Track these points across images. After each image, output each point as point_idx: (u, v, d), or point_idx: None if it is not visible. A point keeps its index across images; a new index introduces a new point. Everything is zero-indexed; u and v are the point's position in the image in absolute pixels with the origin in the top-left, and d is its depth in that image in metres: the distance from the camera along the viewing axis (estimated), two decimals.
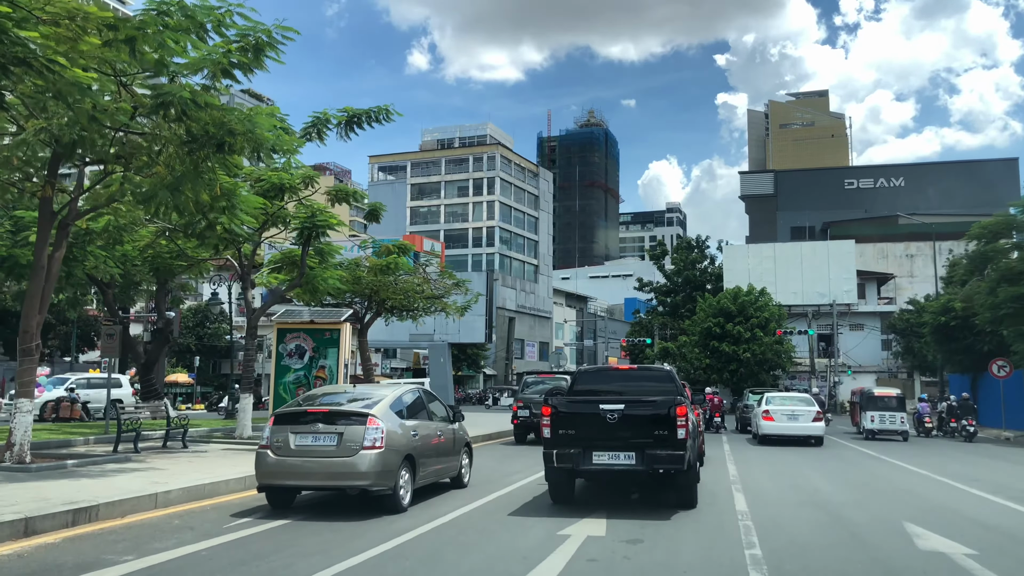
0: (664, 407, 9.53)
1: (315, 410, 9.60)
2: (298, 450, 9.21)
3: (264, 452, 9.35)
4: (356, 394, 10.54)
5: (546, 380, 23.83)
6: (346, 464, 9.05)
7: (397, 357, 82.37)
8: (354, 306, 25.69)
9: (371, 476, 9.05)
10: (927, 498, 11.73)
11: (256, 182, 16.61)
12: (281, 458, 9.22)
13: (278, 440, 9.31)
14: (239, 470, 12.10)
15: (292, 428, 9.34)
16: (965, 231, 60.31)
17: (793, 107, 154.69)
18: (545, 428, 9.84)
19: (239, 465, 12.94)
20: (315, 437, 9.25)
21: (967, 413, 29.63)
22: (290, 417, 9.56)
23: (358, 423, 9.24)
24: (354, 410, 9.52)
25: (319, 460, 9.15)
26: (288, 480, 9.30)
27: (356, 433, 9.14)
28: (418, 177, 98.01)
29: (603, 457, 9.57)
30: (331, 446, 9.17)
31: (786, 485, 12.88)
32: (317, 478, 9.24)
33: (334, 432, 9.22)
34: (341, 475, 9.10)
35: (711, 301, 54.73)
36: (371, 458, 9.04)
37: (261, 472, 9.36)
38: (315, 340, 16.23)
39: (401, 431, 9.74)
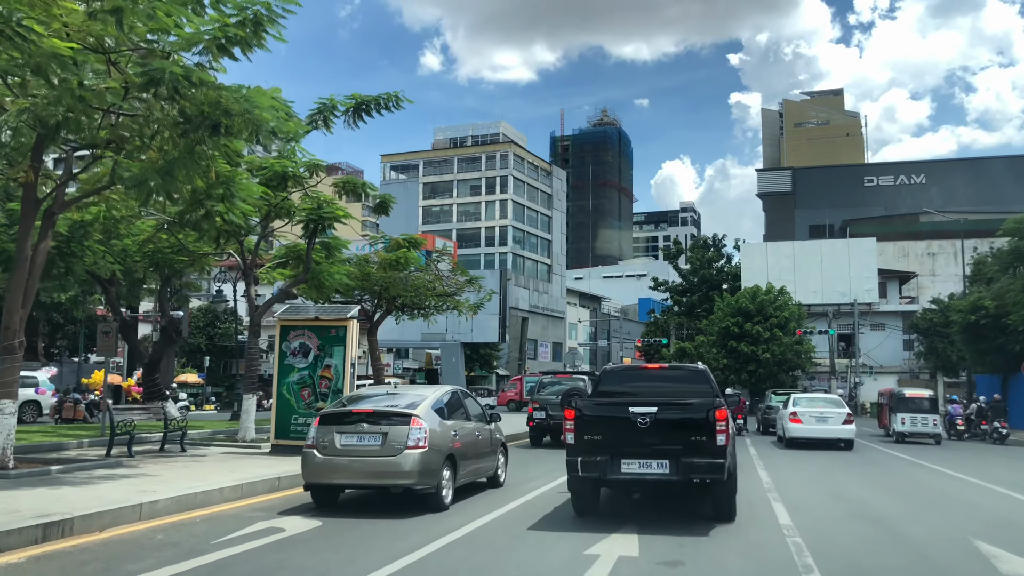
0: (702, 410, 8.57)
1: (360, 410, 9.81)
2: (343, 449, 9.45)
3: (310, 451, 9.59)
4: (398, 394, 10.68)
5: (562, 381, 22.90)
6: (390, 463, 9.26)
7: (409, 357, 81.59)
8: (363, 304, 24.83)
9: (415, 475, 9.23)
10: (986, 509, 10.71)
11: (257, 170, 15.74)
12: (327, 457, 9.47)
13: (324, 440, 9.54)
14: (236, 476, 11.22)
15: (337, 428, 9.57)
16: (990, 229, 59.20)
17: (808, 106, 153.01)
18: (568, 433, 8.90)
19: (237, 471, 12.07)
20: (360, 437, 9.48)
21: (999, 415, 28.58)
22: (335, 417, 9.79)
23: (402, 423, 9.44)
24: (398, 410, 9.68)
25: (364, 459, 9.40)
26: (334, 479, 9.56)
27: (400, 433, 9.35)
28: (430, 176, 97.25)
29: (633, 465, 8.62)
30: (376, 446, 9.39)
31: (826, 494, 11.88)
32: (362, 477, 9.48)
33: (378, 432, 9.43)
34: (386, 474, 9.32)
35: (729, 300, 53.66)
36: (415, 458, 9.23)
37: (308, 471, 9.62)
38: (320, 338, 15.31)
39: (443, 431, 9.92)
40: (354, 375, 15.34)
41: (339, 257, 20.93)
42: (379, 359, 24.89)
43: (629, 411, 8.65)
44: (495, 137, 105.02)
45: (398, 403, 10.04)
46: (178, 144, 11.63)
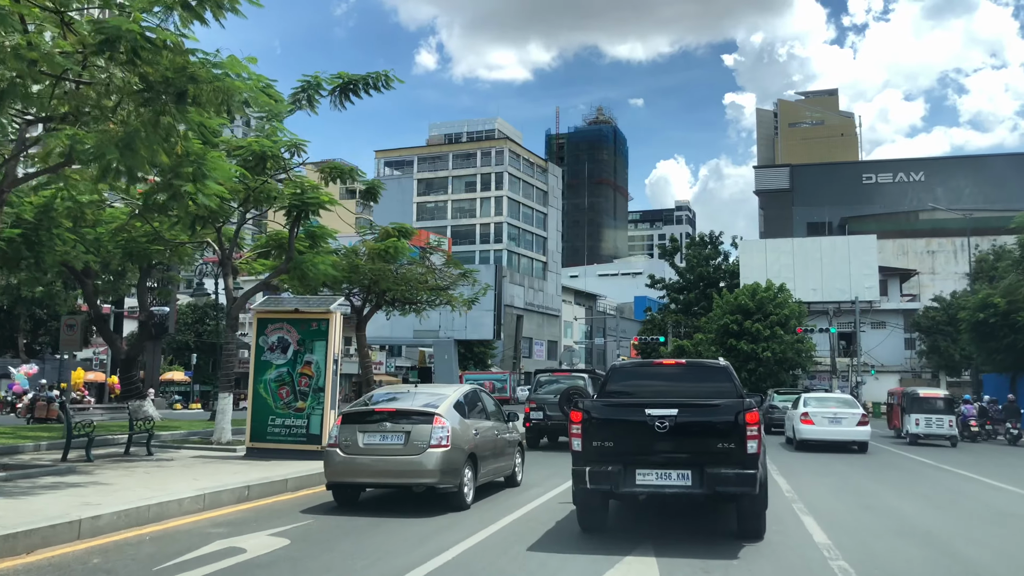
0: (730, 412, 7.42)
1: (382, 409, 9.81)
2: (366, 448, 9.46)
3: (333, 450, 9.62)
4: (419, 393, 10.62)
5: (561, 379, 21.73)
6: (414, 462, 9.25)
7: (402, 355, 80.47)
8: (352, 297, 23.64)
9: (438, 474, 9.21)
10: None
11: (234, 151, 14.52)
12: (350, 456, 9.49)
13: (346, 439, 9.56)
14: (200, 485, 10.04)
15: (360, 427, 9.58)
16: (991, 227, 58.25)
17: (803, 106, 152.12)
18: (575, 439, 7.73)
19: (203, 478, 10.88)
20: (383, 436, 9.48)
21: (1011, 416, 27.72)
22: (357, 416, 9.80)
23: (425, 422, 9.43)
24: (421, 409, 9.66)
25: (387, 458, 9.39)
26: (357, 477, 9.60)
27: (423, 432, 9.34)
28: (425, 172, 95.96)
29: (650, 476, 7.46)
30: (399, 444, 9.39)
31: (856, 504, 10.73)
32: (385, 476, 9.49)
33: (401, 431, 9.43)
34: (409, 473, 9.32)
35: (728, 298, 52.53)
36: (438, 456, 9.22)
37: (330, 470, 9.64)
38: (300, 332, 14.12)
39: (464, 430, 9.90)
40: (337, 372, 14.14)
41: (326, 248, 19.76)
42: (368, 356, 23.69)
43: (646, 414, 7.50)
44: (490, 133, 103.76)
45: (420, 402, 10.00)
46: (141, 115, 10.46)
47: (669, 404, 7.56)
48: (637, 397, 8.24)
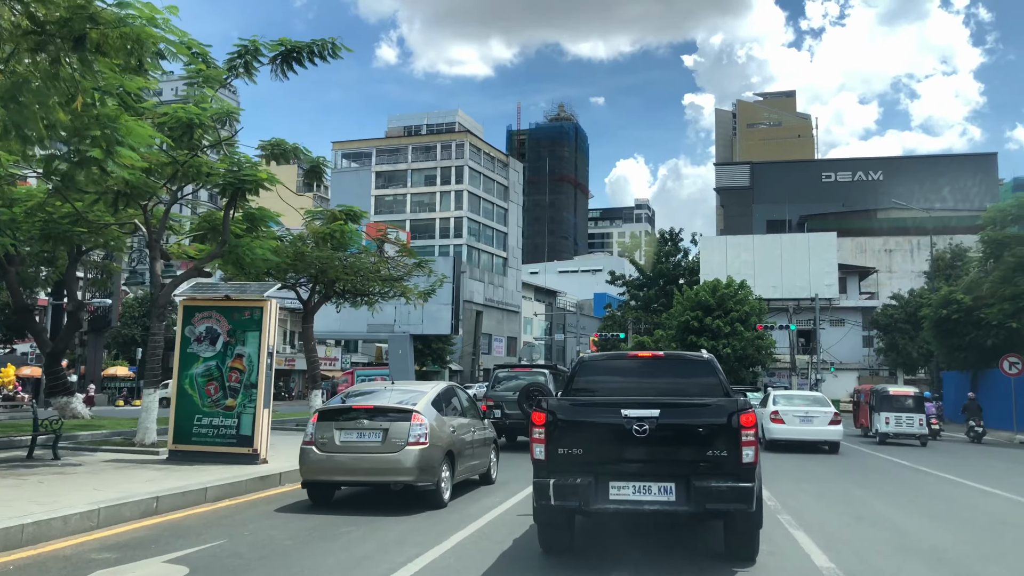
0: (722, 414, 6.25)
1: (360, 406, 9.66)
2: (343, 446, 9.33)
3: (308, 448, 9.46)
4: (396, 390, 10.42)
5: (520, 375, 20.49)
6: (391, 460, 9.14)
7: (359, 351, 78.66)
8: (298, 288, 22.14)
9: (416, 472, 9.11)
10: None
11: (157, 119, 12.97)
12: (326, 454, 9.34)
13: (323, 437, 9.41)
14: (99, 496, 8.59)
15: (337, 424, 9.43)
16: (947, 226, 58.55)
17: (761, 107, 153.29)
18: (536, 445, 6.49)
19: (107, 487, 9.42)
20: (360, 433, 9.36)
21: (973, 414, 27.35)
22: (334, 413, 9.64)
23: (403, 419, 9.33)
24: (399, 406, 9.53)
25: (364, 456, 9.28)
26: (334, 476, 9.46)
27: (401, 429, 9.24)
28: (383, 165, 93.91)
29: (626, 490, 6.26)
30: (376, 442, 9.27)
31: (847, 515, 9.66)
32: (362, 474, 9.36)
33: (379, 428, 9.31)
34: (386, 471, 9.19)
35: (689, 294, 51.93)
36: (416, 454, 9.13)
37: (306, 468, 9.49)
38: (231, 322, 12.66)
39: (442, 427, 9.78)
40: (271, 366, 12.71)
41: (269, 233, 18.29)
42: (314, 350, 22.19)
43: (621, 415, 6.28)
44: (451, 126, 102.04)
45: (397, 399, 9.81)
46: (36, 63, 8.97)
47: (649, 404, 6.35)
48: (610, 395, 7.03)
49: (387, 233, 34.98)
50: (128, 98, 11.94)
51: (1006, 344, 31.03)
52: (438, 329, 35.85)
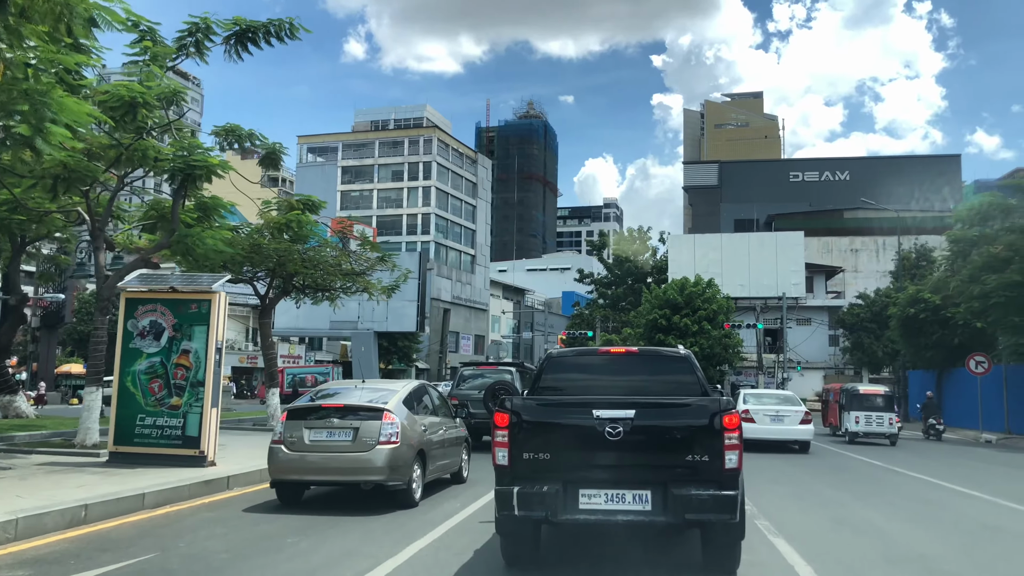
0: (703, 414, 5.70)
1: (330, 405, 9.55)
2: (313, 445, 9.21)
3: (277, 447, 9.31)
4: (367, 388, 10.23)
5: (486, 373, 19.89)
6: (362, 459, 9.04)
7: (323, 349, 77.48)
8: (256, 282, 21.29)
9: (387, 471, 9.01)
10: (1011, 532, 8.26)
11: (97, 97, 12.13)
12: (295, 453, 9.20)
13: (292, 436, 9.27)
14: (21, 505, 7.81)
15: (306, 423, 9.30)
16: (910, 226, 59.04)
17: (729, 108, 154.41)
18: (498, 449, 5.89)
19: (33, 493, 8.63)
20: (330, 432, 9.24)
21: (932, 412, 27.67)
22: (304, 412, 9.48)
23: (373, 418, 9.23)
24: (369, 405, 9.43)
25: (334, 455, 9.18)
26: (303, 475, 9.32)
27: (372, 428, 9.14)
28: (350, 159, 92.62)
29: (597, 499, 5.69)
30: (347, 441, 9.17)
31: (827, 520, 9.19)
32: (332, 473, 9.26)
33: (349, 427, 9.21)
34: (357, 470, 9.10)
35: (657, 292, 51.76)
36: (387, 453, 9.04)
37: (274, 467, 9.35)
38: (177, 315, 11.89)
39: (413, 426, 9.72)
40: (220, 362, 11.96)
41: (224, 223, 17.44)
42: (272, 347, 21.36)
43: (593, 416, 5.71)
44: (419, 121, 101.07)
45: (368, 397, 9.68)
46: None
47: (623, 404, 5.78)
48: (580, 394, 6.45)
49: (351, 226, 34.17)
50: (66, 75, 11.16)
51: (972, 343, 31.12)
52: (403, 326, 35.10)
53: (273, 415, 20.92)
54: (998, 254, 26.42)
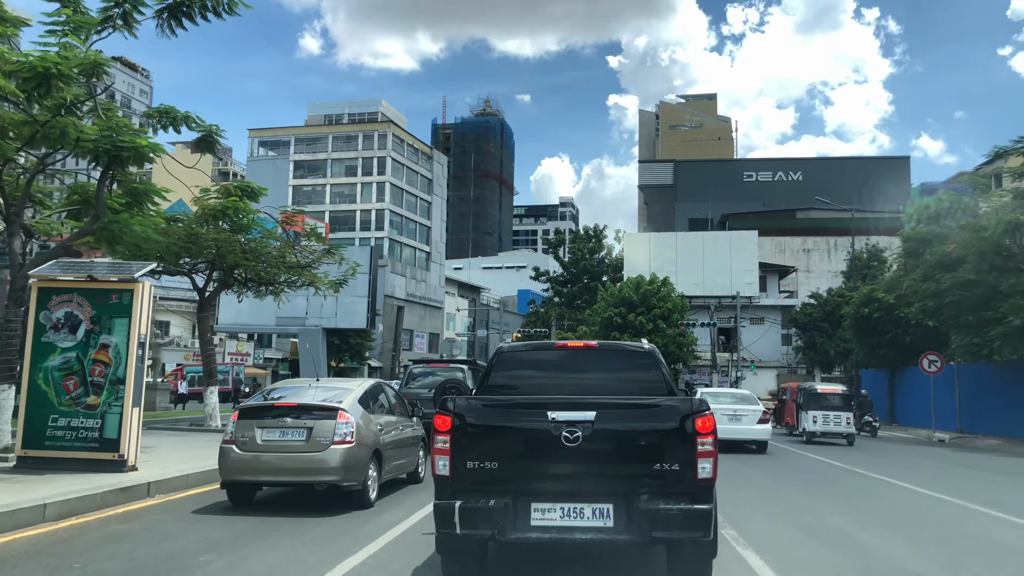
0: (673, 416, 5.01)
1: (283, 404, 9.33)
2: (265, 445, 9.00)
3: (228, 447, 9.08)
4: (321, 387, 9.97)
5: (437, 371, 19.14)
6: (316, 459, 8.87)
7: (272, 346, 75.69)
8: (194, 274, 20.19)
9: (341, 471, 8.86)
10: (990, 540, 7.76)
11: (6, 67, 11.02)
12: (247, 453, 9.00)
13: (243, 435, 9.05)
14: None
15: (258, 423, 9.09)
16: (861, 227, 59.69)
17: (683, 109, 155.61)
18: (439, 457, 5.12)
19: None
20: (283, 432, 9.04)
21: (867, 410, 28.22)
22: (256, 411, 9.28)
23: (328, 417, 9.05)
24: (324, 404, 9.22)
25: (288, 455, 8.98)
26: (254, 476, 9.10)
27: (326, 428, 8.98)
28: (302, 154, 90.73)
29: (552, 514, 4.96)
30: (300, 441, 8.98)
31: (797, 528, 8.60)
32: (285, 474, 9.06)
33: (303, 427, 9.02)
34: (311, 470, 8.92)
35: (612, 290, 51.57)
36: (342, 453, 8.87)
37: (225, 468, 9.13)
38: (96, 306, 10.87)
39: (369, 425, 9.57)
40: (144, 358, 10.96)
41: (158, 210, 16.35)
42: (210, 343, 20.24)
43: (548, 419, 4.97)
44: (374, 116, 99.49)
45: (322, 396, 9.45)
46: None
47: (582, 404, 5.06)
48: (534, 394, 5.72)
49: (301, 220, 32.92)
50: None
51: (924, 342, 31.21)
52: (353, 323, 34.02)
53: (211, 414, 19.86)
54: (951, 253, 26.45)
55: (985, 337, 23.85)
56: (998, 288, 23.44)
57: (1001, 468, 16.94)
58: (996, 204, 24.69)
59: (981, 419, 27.82)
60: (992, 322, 23.40)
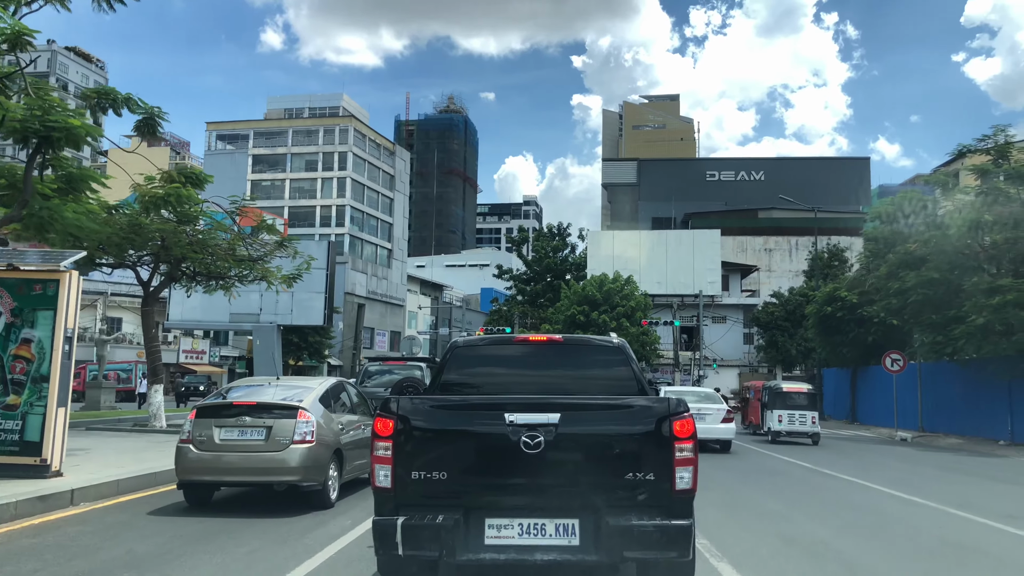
0: (648, 419, 4.41)
1: (242, 403, 9.15)
2: (223, 445, 8.86)
3: (185, 447, 8.96)
4: (281, 386, 9.85)
5: (395, 369, 18.44)
6: (275, 459, 8.73)
7: (229, 343, 74.10)
8: (139, 267, 19.19)
9: (301, 471, 8.73)
10: (972, 547, 7.32)
11: None
12: (205, 453, 8.84)
13: (201, 434, 8.92)
14: None
15: (216, 422, 8.97)
16: (823, 227, 60.14)
17: (646, 109, 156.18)
18: (379, 466, 4.45)
19: None
20: (242, 431, 8.91)
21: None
22: (214, 410, 9.15)
23: (288, 416, 8.91)
24: (284, 403, 9.07)
25: (246, 455, 8.82)
26: (212, 476, 8.94)
27: (286, 427, 8.84)
28: (261, 148, 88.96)
29: (509, 531, 4.32)
30: (259, 440, 8.84)
31: (772, 535, 8.07)
32: (244, 474, 8.90)
33: (262, 426, 8.89)
34: (270, 470, 8.78)
35: (576, 288, 51.28)
36: (302, 452, 8.74)
37: (182, 468, 8.97)
38: (16, 297, 9.98)
39: (330, 424, 9.47)
40: (71, 354, 10.10)
41: (97, 198, 15.43)
42: (155, 339, 19.26)
43: (506, 421, 4.33)
44: (335, 111, 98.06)
45: (282, 395, 9.31)
46: None
47: (545, 405, 4.42)
48: (491, 393, 5.07)
49: (259, 214, 31.82)
50: None
51: (886, 340, 31.24)
52: (309, 319, 32.89)
53: (156, 414, 18.91)
54: (914, 251, 26.40)
55: (949, 335, 23.78)
56: (961, 287, 23.38)
57: (972, 469, 16.72)
58: (959, 203, 24.64)
59: (942, 418, 27.85)
60: (955, 320, 23.33)
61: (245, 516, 8.55)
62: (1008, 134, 23.73)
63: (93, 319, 63.02)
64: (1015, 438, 22.90)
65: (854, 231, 69.49)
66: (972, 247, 23.98)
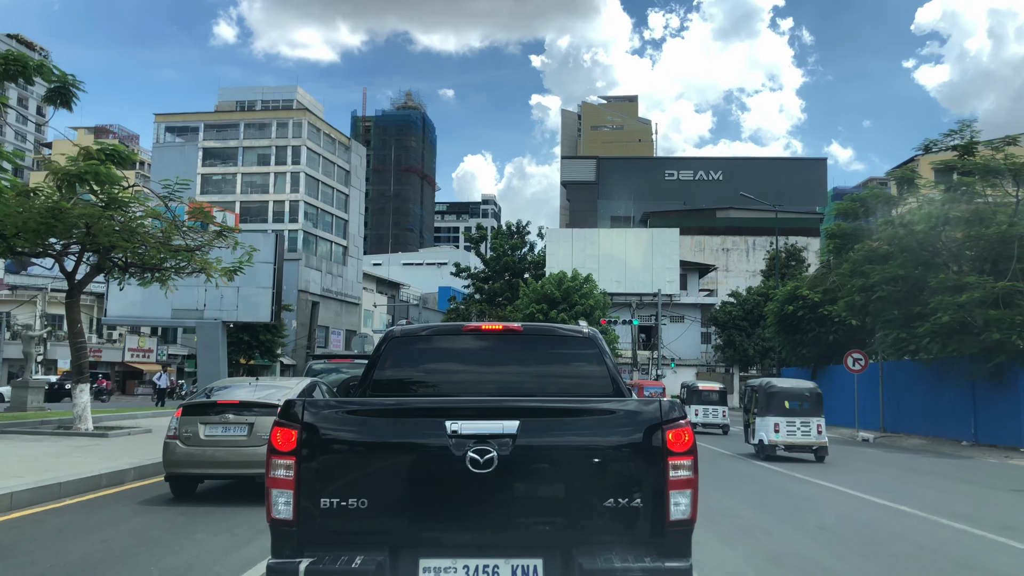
0: (634, 427, 3.40)
1: (225, 401, 9.68)
2: (208, 440, 9.40)
3: (172, 442, 9.46)
4: (261, 386, 10.37)
5: (342, 367, 17.18)
6: (258, 453, 8.89)
7: (178, 342, 71.82)
8: (66, 257, 17.71)
9: None
10: (978, 566, 6.49)
11: None
12: (190, 448, 9.38)
13: (187, 431, 9.44)
14: None
15: (201, 419, 9.49)
16: (781, 227, 60.27)
17: (605, 110, 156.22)
18: (278, 492, 3.34)
19: None
20: (225, 428, 9.45)
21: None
22: (199, 408, 9.70)
23: (269, 413, 9.24)
24: (265, 401, 9.57)
25: (230, 450, 9.34)
26: (197, 469, 9.50)
27: (267, 423, 8.62)
28: (212, 141, 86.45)
29: (452, 575, 3.25)
30: (242, 436, 9.38)
31: (755, 553, 7.16)
32: (227, 467, 9.43)
33: (245, 423, 9.41)
34: (252, 463, 9.07)
35: (535, 286, 50.45)
36: None
37: (169, 461, 9.47)
38: None
39: None
40: None
41: (9, 179, 14.01)
42: (80, 334, 17.75)
43: (447, 431, 3.28)
44: (289, 104, 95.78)
45: (262, 394, 9.86)
46: None
47: (500, 411, 3.38)
48: (431, 394, 4.02)
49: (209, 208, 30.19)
50: None
51: (847, 339, 30.90)
52: (256, 316, 31.49)
53: (81, 416, 17.43)
54: (877, 249, 25.98)
55: (912, 333, 23.35)
56: (926, 284, 22.96)
57: (945, 472, 16.14)
58: (924, 199, 24.25)
59: (904, 418, 27.50)
60: (919, 318, 22.91)
61: (230, 505, 8.99)
62: (974, 130, 23.39)
63: (33, 316, 60.43)
64: (979, 439, 22.53)
65: (812, 231, 69.98)
66: (936, 244, 23.60)
